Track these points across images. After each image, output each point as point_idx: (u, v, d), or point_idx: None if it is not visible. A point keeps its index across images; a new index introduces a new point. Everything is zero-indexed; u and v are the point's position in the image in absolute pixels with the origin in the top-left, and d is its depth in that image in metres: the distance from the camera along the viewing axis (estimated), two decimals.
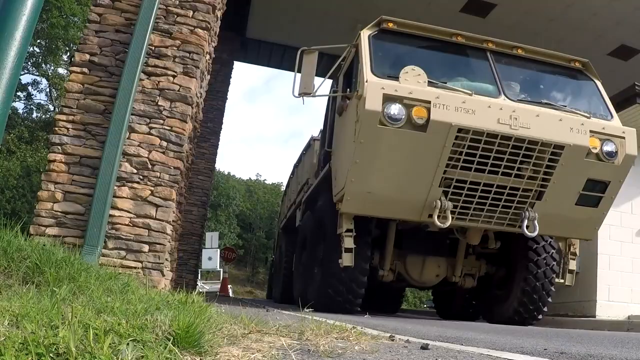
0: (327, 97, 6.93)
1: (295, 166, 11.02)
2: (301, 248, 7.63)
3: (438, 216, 5.05)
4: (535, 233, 5.27)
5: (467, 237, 5.93)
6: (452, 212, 5.11)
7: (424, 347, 2.06)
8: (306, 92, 5.35)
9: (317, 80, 5.70)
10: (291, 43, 12.88)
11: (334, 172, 5.74)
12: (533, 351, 2.15)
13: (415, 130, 4.81)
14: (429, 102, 4.80)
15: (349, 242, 5.26)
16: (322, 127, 7.38)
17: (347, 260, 5.25)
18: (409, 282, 6.67)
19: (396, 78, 4.97)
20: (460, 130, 4.86)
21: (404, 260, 6.29)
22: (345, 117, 5.52)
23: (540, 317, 6.10)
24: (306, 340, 1.99)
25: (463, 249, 6.32)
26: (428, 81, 4.99)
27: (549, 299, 5.99)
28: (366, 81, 4.89)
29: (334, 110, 6.27)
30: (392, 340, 2.33)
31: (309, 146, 9.42)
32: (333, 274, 5.58)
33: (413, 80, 4.92)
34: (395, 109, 4.77)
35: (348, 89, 5.61)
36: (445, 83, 5.20)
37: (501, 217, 5.36)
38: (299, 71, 5.45)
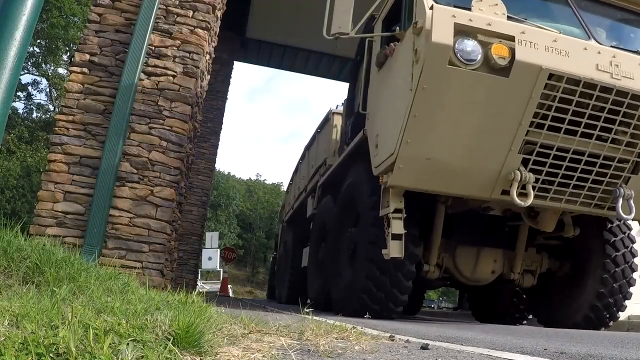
0: (354, 58, 6.08)
1: (307, 148, 9.84)
2: (318, 240, 6.67)
3: (516, 192, 3.99)
4: (632, 216, 4.22)
5: (538, 223, 4.77)
6: (532, 188, 4.07)
7: (424, 347, 2.06)
8: (342, 32, 4.27)
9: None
10: (291, 43, 12.92)
11: (373, 138, 4.68)
12: (533, 351, 2.14)
13: (495, 74, 3.76)
14: (513, 39, 3.77)
15: (397, 227, 4.14)
16: (346, 97, 6.53)
17: (394, 250, 4.13)
18: (456, 280, 5.52)
19: (465, 8, 3.89)
20: (551, 76, 3.82)
21: (453, 253, 5.21)
22: (391, 66, 4.55)
23: (611, 323, 5.22)
24: (306, 340, 1.99)
25: (524, 238, 5.26)
26: (507, 15, 3.91)
27: (625, 303, 5.12)
28: (430, 8, 3.78)
29: (368, 67, 5.29)
30: (392, 340, 2.33)
31: (326, 121, 8.19)
32: (369, 275, 4.57)
33: (489, 11, 3.87)
34: (469, 45, 3.71)
35: (397, 31, 4.46)
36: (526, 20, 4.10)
37: (589, 196, 4.30)
38: (330, 10, 4.41)
